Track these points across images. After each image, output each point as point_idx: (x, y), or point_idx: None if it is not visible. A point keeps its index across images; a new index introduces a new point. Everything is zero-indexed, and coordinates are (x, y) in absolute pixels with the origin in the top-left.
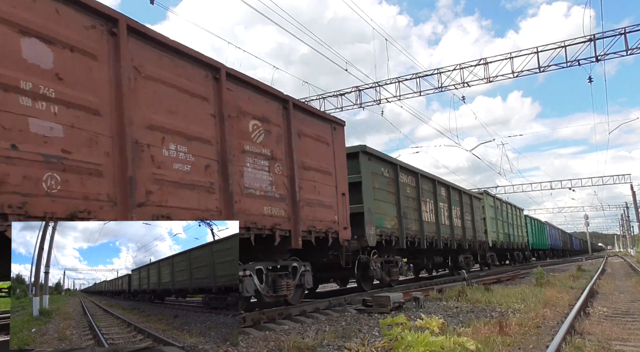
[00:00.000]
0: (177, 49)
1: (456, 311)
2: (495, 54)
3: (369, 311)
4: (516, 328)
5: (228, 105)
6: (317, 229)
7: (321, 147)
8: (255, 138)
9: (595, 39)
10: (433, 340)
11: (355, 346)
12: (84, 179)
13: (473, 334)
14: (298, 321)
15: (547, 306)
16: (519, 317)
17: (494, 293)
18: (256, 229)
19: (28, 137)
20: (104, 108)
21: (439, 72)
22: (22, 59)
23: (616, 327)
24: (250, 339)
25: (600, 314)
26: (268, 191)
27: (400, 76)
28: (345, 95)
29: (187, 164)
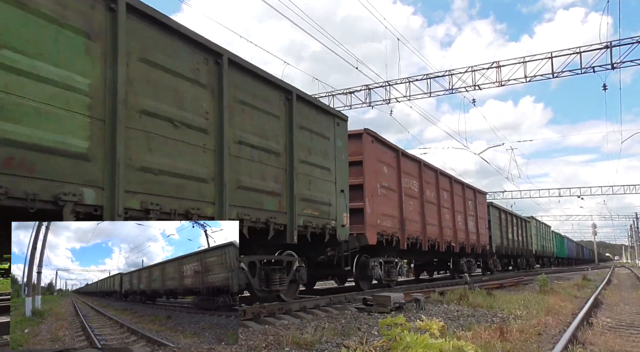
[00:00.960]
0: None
1: (457, 315)
2: (508, 58)
3: (369, 310)
4: (517, 334)
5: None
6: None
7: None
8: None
9: (611, 46)
10: (432, 342)
11: (354, 344)
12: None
13: (473, 339)
14: (298, 317)
15: (549, 314)
16: (521, 323)
17: (496, 298)
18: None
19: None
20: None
21: (450, 74)
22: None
23: (619, 339)
24: (249, 332)
25: (604, 324)
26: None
27: (410, 76)
28: (354, 93)
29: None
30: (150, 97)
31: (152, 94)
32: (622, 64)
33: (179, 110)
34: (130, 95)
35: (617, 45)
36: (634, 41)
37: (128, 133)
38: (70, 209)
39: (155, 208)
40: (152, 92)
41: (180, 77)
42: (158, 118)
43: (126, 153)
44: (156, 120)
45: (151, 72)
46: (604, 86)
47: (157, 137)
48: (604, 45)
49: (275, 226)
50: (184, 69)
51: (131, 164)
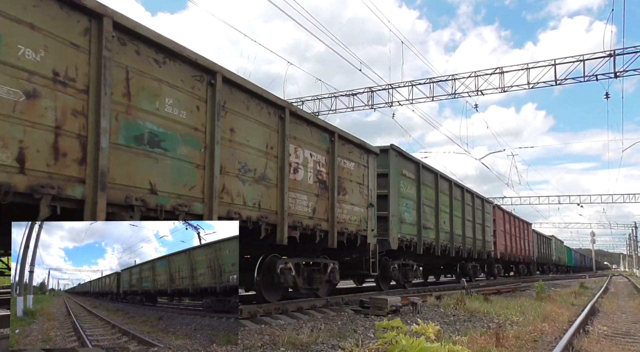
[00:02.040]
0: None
1: (453, 319)
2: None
3: (366, 313)
4: (513, 340)
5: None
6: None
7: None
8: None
9: (615, 54)
10: (428, 346)
11: (350, 346)
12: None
13: (469, 343)
14: (294, 317)
15: (546, 321)
16: (517, 329)
17: (493, 304)
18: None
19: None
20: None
21: (453, 79)
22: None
23: (615, 347)
24: (245, 332)
25: (600, 332)
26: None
27: (414, 80)
28: (357, 95)
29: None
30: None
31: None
32: (625, 72)
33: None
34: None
35: (620, 53)
36: (638, 50)
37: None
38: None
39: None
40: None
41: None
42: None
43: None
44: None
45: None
46: (607, 94)
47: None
48: (608, 53)
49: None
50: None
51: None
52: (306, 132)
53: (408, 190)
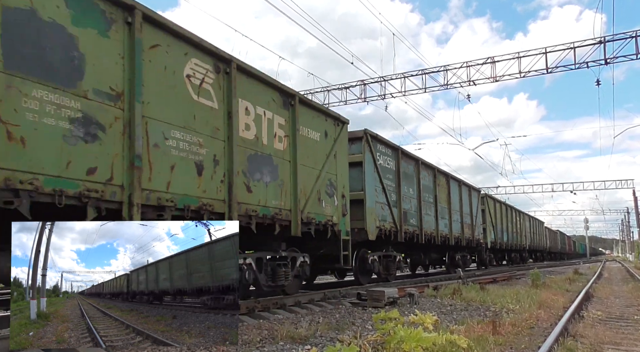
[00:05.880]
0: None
1: (450, 309)
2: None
3: (363, 305)
4: (509, 328)
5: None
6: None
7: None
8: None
9: (605, 41)
10: (425, 336)
11: (348, 339)
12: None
13: (466, 332)
14: (292, 311)
15: (541, 308)
16: (513, 317)
17: (489, 293)
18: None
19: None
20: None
21: (445, 69)
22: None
23: (609, 331)
24: (244, 327)
25: (594, 317)
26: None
27: (406, 72)
28: (350, 88)
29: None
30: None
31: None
32: (616, 59)
33: None
34: None
35: (610, 40)
36: (627, 36)
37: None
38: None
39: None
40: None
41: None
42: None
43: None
44: None
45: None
46: (597, 82)
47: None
48: (598, 40)
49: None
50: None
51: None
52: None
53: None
